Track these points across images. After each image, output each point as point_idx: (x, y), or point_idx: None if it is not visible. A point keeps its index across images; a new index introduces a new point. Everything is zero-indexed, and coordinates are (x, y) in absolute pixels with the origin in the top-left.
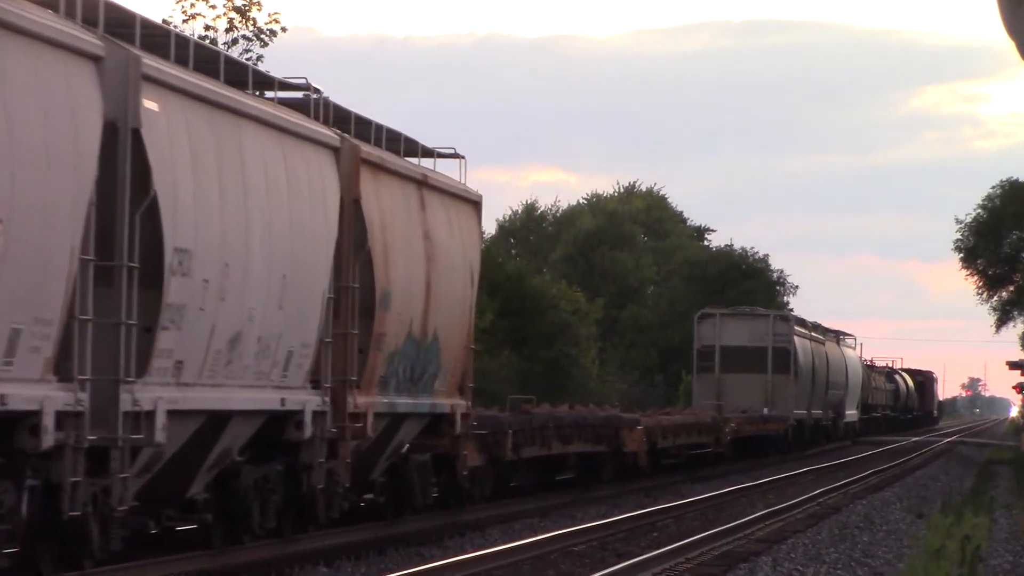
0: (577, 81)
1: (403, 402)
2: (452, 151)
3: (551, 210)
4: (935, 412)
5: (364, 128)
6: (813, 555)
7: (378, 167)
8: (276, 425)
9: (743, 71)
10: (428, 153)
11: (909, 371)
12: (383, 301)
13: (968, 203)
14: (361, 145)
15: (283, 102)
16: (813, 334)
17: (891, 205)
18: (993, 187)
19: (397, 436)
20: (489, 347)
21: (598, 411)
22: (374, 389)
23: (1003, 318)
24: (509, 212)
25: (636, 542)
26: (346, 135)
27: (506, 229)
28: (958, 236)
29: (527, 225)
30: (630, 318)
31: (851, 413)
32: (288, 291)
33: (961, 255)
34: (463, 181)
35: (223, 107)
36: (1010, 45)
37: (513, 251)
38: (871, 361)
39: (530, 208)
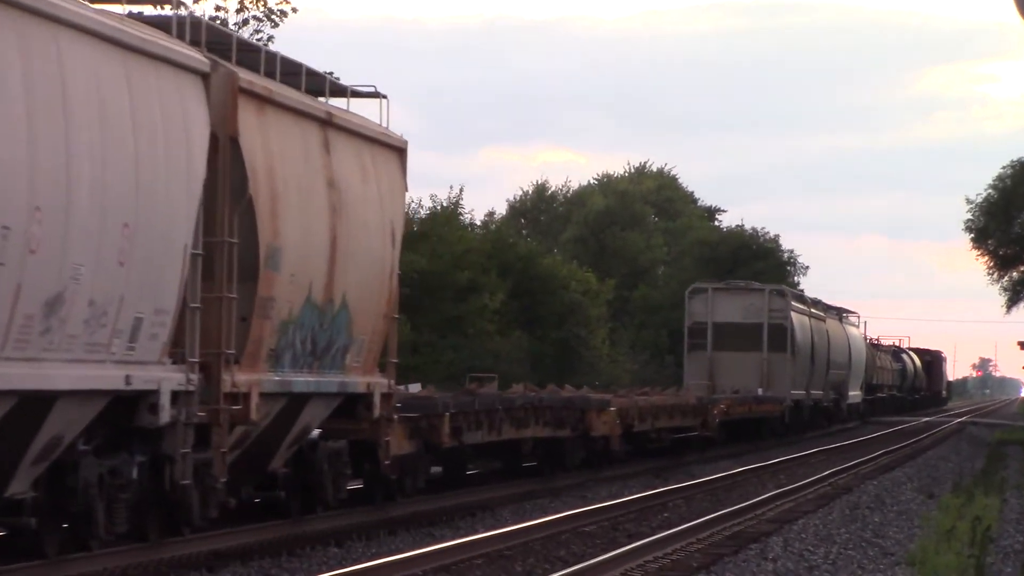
0: (586, 62)
1: (302, 380)
2: (372, 89)
3: (562, 190)
4: (944, 392)
5: (250, 56)
6: (824, 535)
7: (265, 100)
8: (127, 408)
9: (753, 52)
10: (340, 91)
11: (917, 350)
12: (270, 260)
13: (979, 184)
14: (240, 73)
15: (142, 20)
16: (813, 310)
17: (901, 186)
18: (1004, 167)
19: (299, 420)
20: (500, 328)
21: (564, 392)
22: (262, 364)
23: (1014, 298)
24: (520, 192)
25: (647, 522)
26: (223, 62)
27: (517, 209)
28: (969, 216)
29: (537, 205)
30: (641, 299)
31: (854, 394)
32: (132, 244)
33: (972, 235)
34: (385, 125)
35: (33, 11)
36: (1022, 26)
37: (523, 231)
38: (877, 340)
39: (541, 188)
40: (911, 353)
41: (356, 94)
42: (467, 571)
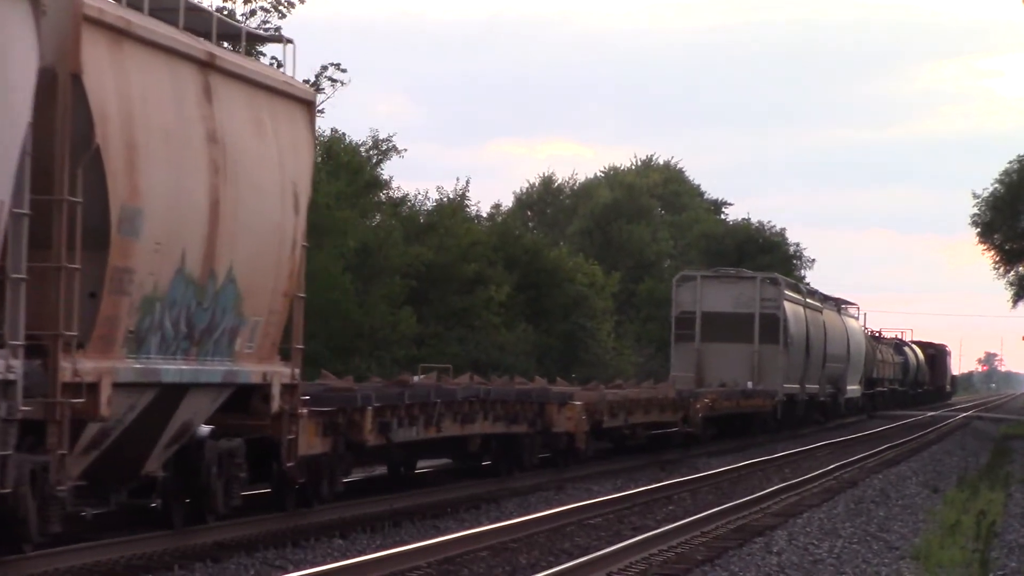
0: (592, 55)
1: (175, 368)
2: (275, 31)
3: (568, 183)
4: (948, 387)
5: None
6: (829, 529)
7: (121, 33)
8: None
9: (759, 45)
10: (233, 34)
11: (920, 343)
12: (125, 223)
13: (984, 178)
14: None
15: None
16: (808, 300)
17: (907, 179)
18: (1011, 162)
19: (177, 416)
20: (506, 320)
21: (525, 385)
22: (117, 349)
23: (1020, 293)
24: (526, 184)
25: (652, 515)
26: None
27: (523, 202)
28: (975, 211)
29: (544, 198)
30: (646, 292)
31: (853, 388)
32: None
33: (978, 230)
34: (291, 74)
35: None
36: None
37: (530, 224)
38: (879, 332)
39: (547, 181)
40: (914, 346)
41: (256, 38)
42: (472, 563)
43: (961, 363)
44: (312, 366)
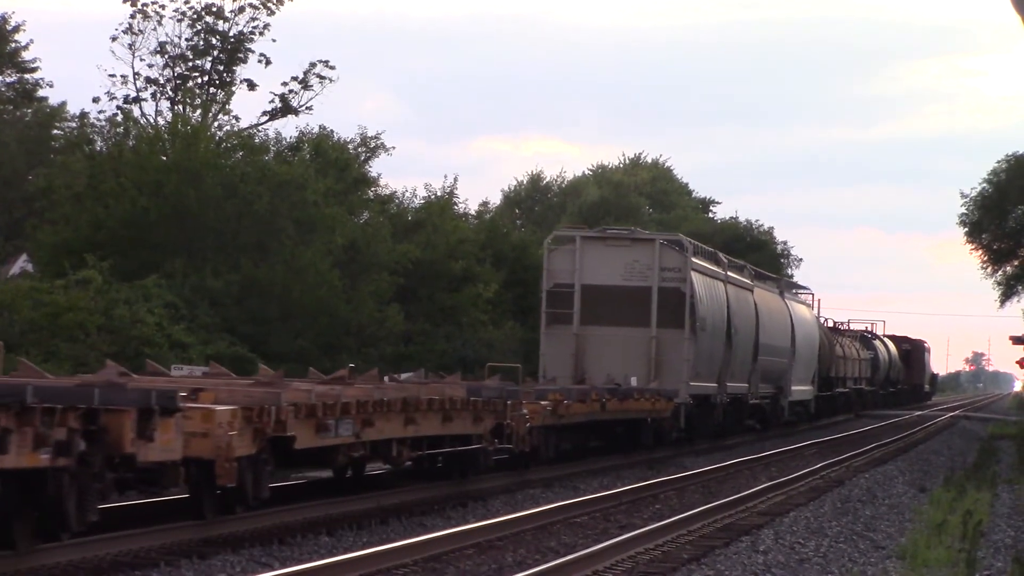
0: (576, 53)
1: None
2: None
3: (556, 181)
4: (927, 386)
5: None
6: (815, 528)
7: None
8: None
9: (745, 44)
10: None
11: (894, 337)
12: None
13: (970, 177)
14: None
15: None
16: (732, 275)
17: (893, 179)
18: (999, 161)
19: None
20: (493, 318)
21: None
22: None
23: (1007, 292)
24: (514, 182)
25: (639, 514)
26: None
27: (511, 199)
28: (963, 210)
29: (532, 195)
30: None
31: (801, 389)
32: None
33: (966, 229)
34: None
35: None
36: (1016, 20)
37: (518, 221)
38: (846, 324)
39: (535, 178)
40: (886, 340)
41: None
42: (458, 561)
43: (948, 363)
44: (300, 363)
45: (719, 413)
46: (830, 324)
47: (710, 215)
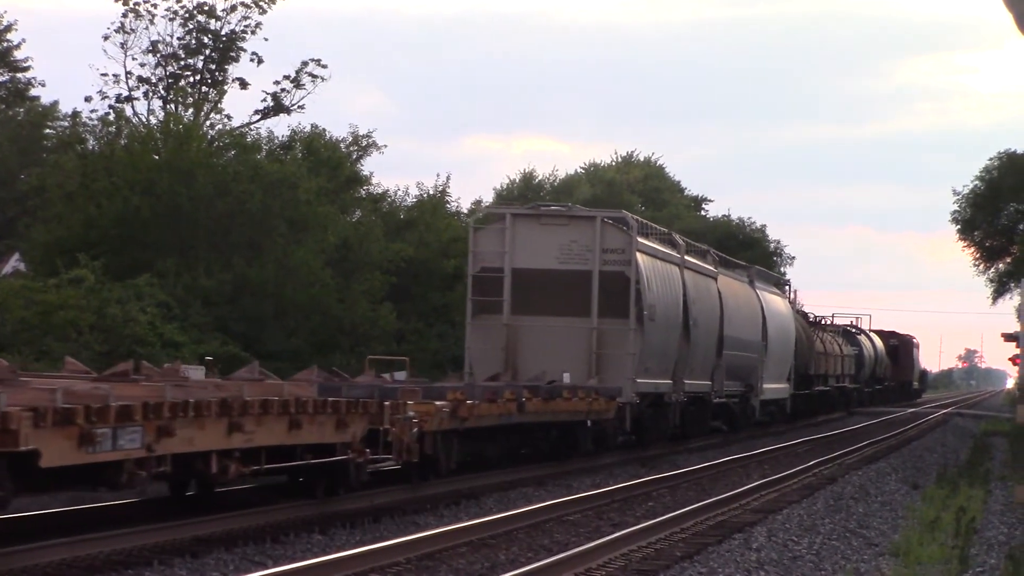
0: (567, 51)
1: None
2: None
3: (549, 179)
4: (916, 383)
5: None
6: (808, 526)
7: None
8: None
9: (736, 42)
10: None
11: (880, 332)
12: None
13: (961, 175)
14: None
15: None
16: (689, 259)
17: (885, 176)
18: (991, 159)
19: None
20: None
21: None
22: None
23: (1000, 290)
24: (506, 180)
25: (631, 512)
26: None
27: (503, 197)
28: (955, 208)
29: (524, 194)
30: None
31: (775, 387)
32: None
33: (958, 227)
34: None
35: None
36: (1008, 17)
37: None
38: (830, 319)
39: (528, 177)
40: (872, 335)
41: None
42: (451, 559)
43: (941, 360)
44: (294, 362)
45: (675, 414)
46: (812, 317)
47: (702, 213)
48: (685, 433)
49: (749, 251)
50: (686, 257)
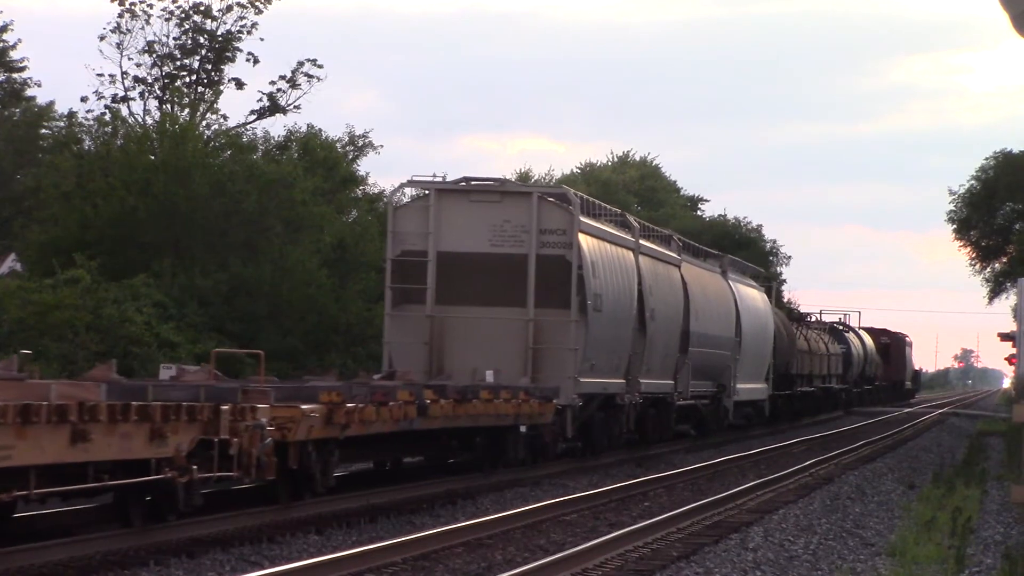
0: (562, 51)
1: None
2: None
3: (544, 179)
4: (908, 383)
5: None
6: (804, 525)
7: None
8: None
9: (730, 41)
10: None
11: (871, 330)
12: None
13: (956, 174)
14: None
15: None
16: (645, 243)
17: (880, 176)
18: (987, 158)
19: None
20: None
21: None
22: None
23: (996, 289)
24: None
25: (628, 511)
26: None
27: None
28: (951, 207)
29: None
30: None
31: (751, 387)
32: None
33: (954, 226)
34: None
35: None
36: (1003, 17)
37: None
38: (818, 316)
39: (523, 177)
40: (861, 333)
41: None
42: (448, 559)
43: (937, 359)
44: (290, 361)
45: (629, 417)
46: (795, 312)
47: (698, 213)
48: (644, 439)
49: (745, 250)
50: (642, 241)
